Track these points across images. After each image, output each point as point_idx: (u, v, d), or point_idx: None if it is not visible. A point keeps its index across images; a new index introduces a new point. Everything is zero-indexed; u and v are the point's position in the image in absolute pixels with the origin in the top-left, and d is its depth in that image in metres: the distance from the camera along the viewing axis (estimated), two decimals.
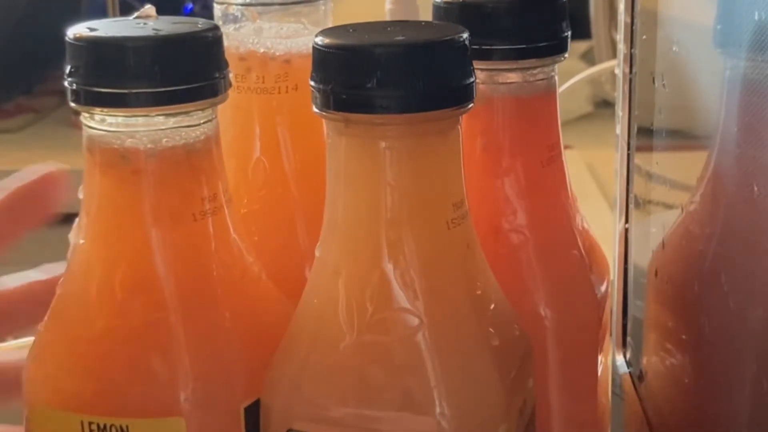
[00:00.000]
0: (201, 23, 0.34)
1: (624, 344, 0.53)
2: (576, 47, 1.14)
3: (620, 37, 0.50)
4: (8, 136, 1.33)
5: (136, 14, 0.35)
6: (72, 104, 0.33)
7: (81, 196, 0.35)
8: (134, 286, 0.34)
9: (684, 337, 0.41)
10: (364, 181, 0.32)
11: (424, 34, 0.33)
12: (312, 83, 0.32)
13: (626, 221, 0.51)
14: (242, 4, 0.41)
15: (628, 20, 0.49)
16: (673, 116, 0.44)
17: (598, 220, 0.48)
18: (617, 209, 0.52)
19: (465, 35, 0.32)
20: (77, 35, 0.33)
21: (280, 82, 0.41)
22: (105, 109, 0.33)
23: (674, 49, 0.43)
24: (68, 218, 0.36)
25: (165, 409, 0.34)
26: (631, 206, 0.51)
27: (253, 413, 0.34)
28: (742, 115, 0.34)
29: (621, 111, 0.50)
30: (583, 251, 0.42)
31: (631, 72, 0.48)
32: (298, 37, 0.41)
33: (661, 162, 0.46)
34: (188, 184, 0.34)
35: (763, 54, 0.31)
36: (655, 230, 0.45)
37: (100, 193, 0.34)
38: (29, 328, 0.39)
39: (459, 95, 0.32)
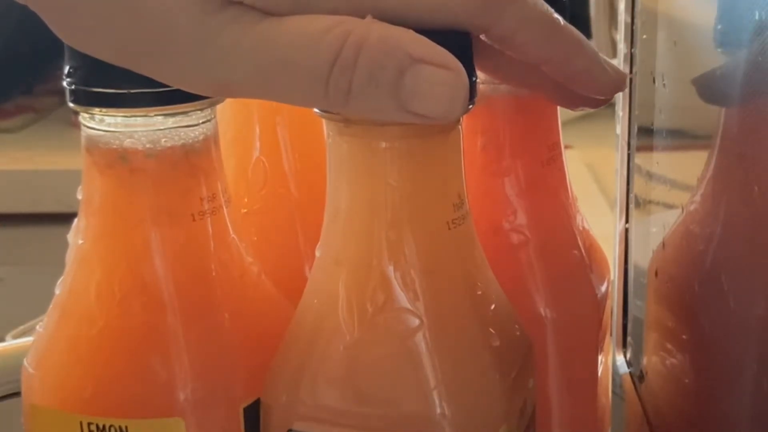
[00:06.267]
0: None
1: (624, 344, 0.53)
2: None
3: (620, 37, 0.50)
4: (8, 136, 1.34)
5: None
6: (71, 104, 0.33)
7: (80, 196, 0.35)
8: (133, 286, 0.34)
9: (684, 337, 0.41)
10: (364, 181, 0.32)
11: (425, 33, 0.33)
12: None
13: (626, 221, 0.51)
14: None
15: (628, 20, 0.49)
16: (673, 116, 0.44)
17: (598, 220, 0.48)
18: (617, 209, 0.52)
19: (466, 34, 0.32)
20: None
21: None
22: (104, 110, 0.33)
23: (674, 48, 0.43)
24: (68, 218, 0.36)
25: (164, 409, 0.34)
26: (631, 206, 0.51)
27: (253, 413, 0.34)
28: (742, 115, 0.34)
29: (621, 111, 0.50)
30: (583, 251, 0.42)
31: (631, 72, 0.48)
32: None
33: (661, 162, 0.46)
34: (187, 185, 0.34)
35: (763, 54, 0.31)
36: (656, 230, 0.45)
37: (99, 193, 0.34)
38: None
39: None
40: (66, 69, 0.33)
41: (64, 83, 0.33)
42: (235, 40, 0.28)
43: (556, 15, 0.31)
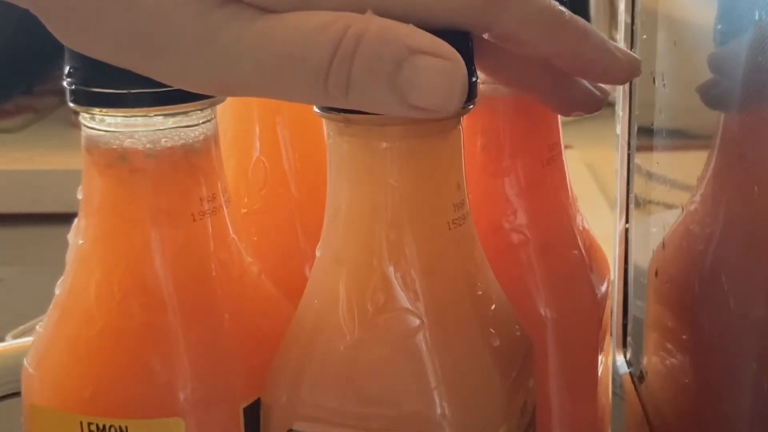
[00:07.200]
0: None
1: (624, 344, 0.53)
2: None
3: (620, 37, 0.50)
4: (8, 136, 1.34)
5: None
6: (71, 104, 0.33)
7: (80, 196, 0.35)
8: (133, 286, 0.34)
9: (684, 337, 0.41)
10: (364, 181, 0.32)
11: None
12: None
13: (626, 221, 0.51)
14: None
15: (628, 20, 0.49)
16: (673, 116, 0.44)
17: (598, 220, 0.48)
18: (617, 209, 0.52)
19: (466, 34, 0.32)
20: None
21: None
22: (104, 110, 0.33)
23: (674, 48, 0.43)
24: (68, 218, 0.36)
25: (164, 409, 0.34)
26: (631, 206, 0.51)
27: (253, 413, 0.34)
28: (742, 115, 0.34)
29: (621, 111, 0.50)
30: (583, 251, 0.42)
31: None
32: None
33: (662, 162, 0.46)
34: (187, 185, 0.34)
35: (763, 54, 0.31)
36: (656, 230, 0.45)
37: (98, 193, 0.34)
38: None
39: None
40: (66, 69, 0.33)
41: (65, 83, 0.33)
42: (235, 37, 0.28)
43: (560, 7, 0.31)
